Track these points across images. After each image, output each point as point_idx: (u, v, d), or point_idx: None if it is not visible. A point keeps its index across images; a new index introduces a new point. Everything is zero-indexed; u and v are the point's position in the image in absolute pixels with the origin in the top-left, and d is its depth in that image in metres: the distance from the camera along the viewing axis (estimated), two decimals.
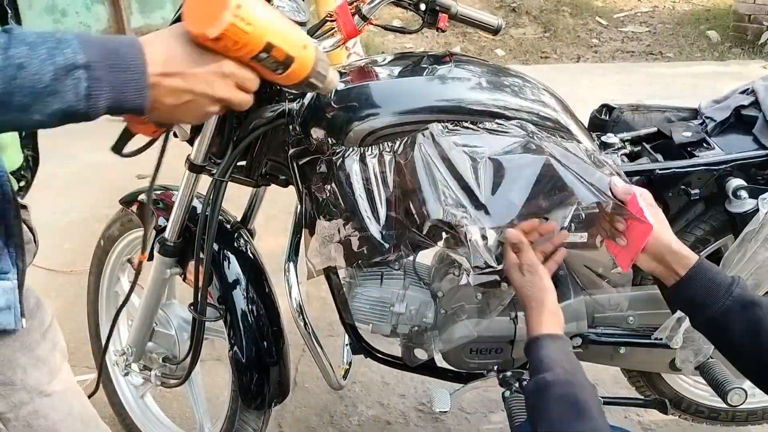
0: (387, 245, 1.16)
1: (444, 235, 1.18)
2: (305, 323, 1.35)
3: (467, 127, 1.16)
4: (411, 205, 1.15)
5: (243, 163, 1.37)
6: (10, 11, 0.88)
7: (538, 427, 0.92)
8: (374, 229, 1.16)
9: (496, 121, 1.18)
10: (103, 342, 1.84)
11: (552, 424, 0.90)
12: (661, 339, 1.29)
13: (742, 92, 1.48)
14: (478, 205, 1.10)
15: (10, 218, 0.83)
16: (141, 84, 0.74)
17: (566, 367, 0.96)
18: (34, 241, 0.99)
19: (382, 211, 1.17)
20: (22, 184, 0.97)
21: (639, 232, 1.09)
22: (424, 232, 1.14)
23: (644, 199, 1.09)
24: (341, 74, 1.26)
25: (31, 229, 0.97)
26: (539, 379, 0.95)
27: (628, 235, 1.11)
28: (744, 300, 1.01)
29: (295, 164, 1.28)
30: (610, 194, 1.09)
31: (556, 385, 0.93)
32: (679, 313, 1.25)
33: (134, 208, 1.60)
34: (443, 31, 1.35)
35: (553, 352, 0.99)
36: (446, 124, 1.16)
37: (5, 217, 0.82)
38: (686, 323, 1.21)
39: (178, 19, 1.24)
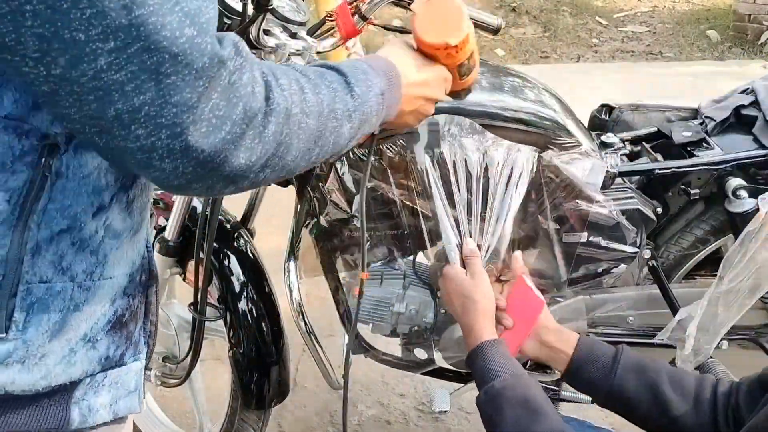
0: (387, 246, 1.16)
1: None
2: (305, 323, 1.35)
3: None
4: (413, 207, 1.15)
5: None
6: None
7: None
8: (375, 230, 1.15)
9: None
10: None
11: (510, 429, 0.89)
12: (662, 339, 1.29)
13: (742, 92, 1.48)
14: None
15: (153, 297, 0.75)
16: (399, 97, 0.77)
17: (510, 369, 0.95)
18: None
19: (384, 212, 1.17)
20: None
21: (530, 310, 1.09)
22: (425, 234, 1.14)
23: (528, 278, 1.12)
24: None
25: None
26: (488, 388, 0.94)
27: (516, 316, 1.10)
28: (633, 366, 1.00)
29: None
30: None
31: (507, 389, 0.92)
32: (680, 315, 1.25)
33: None
34: None
35: (495, 357, 0.97)
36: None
37: (147, 295, 0.74)
38: (691, 325, 1.21)
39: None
